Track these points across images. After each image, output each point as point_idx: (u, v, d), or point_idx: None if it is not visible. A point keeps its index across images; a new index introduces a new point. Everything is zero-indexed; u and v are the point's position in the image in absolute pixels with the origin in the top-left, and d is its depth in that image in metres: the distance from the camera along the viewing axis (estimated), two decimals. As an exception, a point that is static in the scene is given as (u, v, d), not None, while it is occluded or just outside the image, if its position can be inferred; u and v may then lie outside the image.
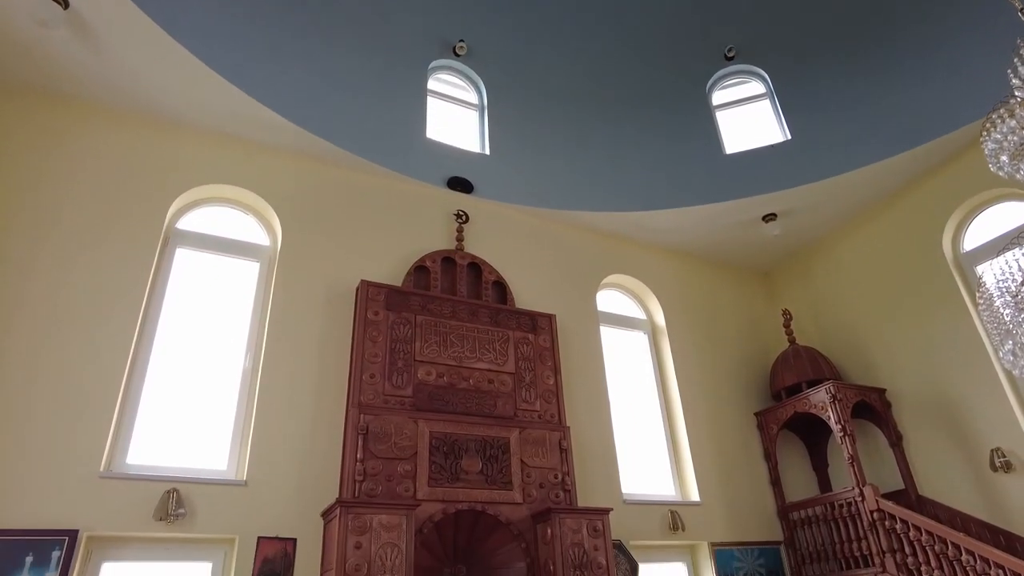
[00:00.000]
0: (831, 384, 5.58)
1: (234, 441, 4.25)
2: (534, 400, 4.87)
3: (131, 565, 3.75)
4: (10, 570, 3.30)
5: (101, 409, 3.85)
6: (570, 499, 4.58)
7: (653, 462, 5.79)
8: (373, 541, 3.62)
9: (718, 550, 5.37)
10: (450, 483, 4.24)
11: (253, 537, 3.86)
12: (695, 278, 6.91)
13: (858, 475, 5.23)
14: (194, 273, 4.73)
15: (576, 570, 4.06)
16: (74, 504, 3.56)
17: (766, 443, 6.16)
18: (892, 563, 4.84)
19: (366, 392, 4.32)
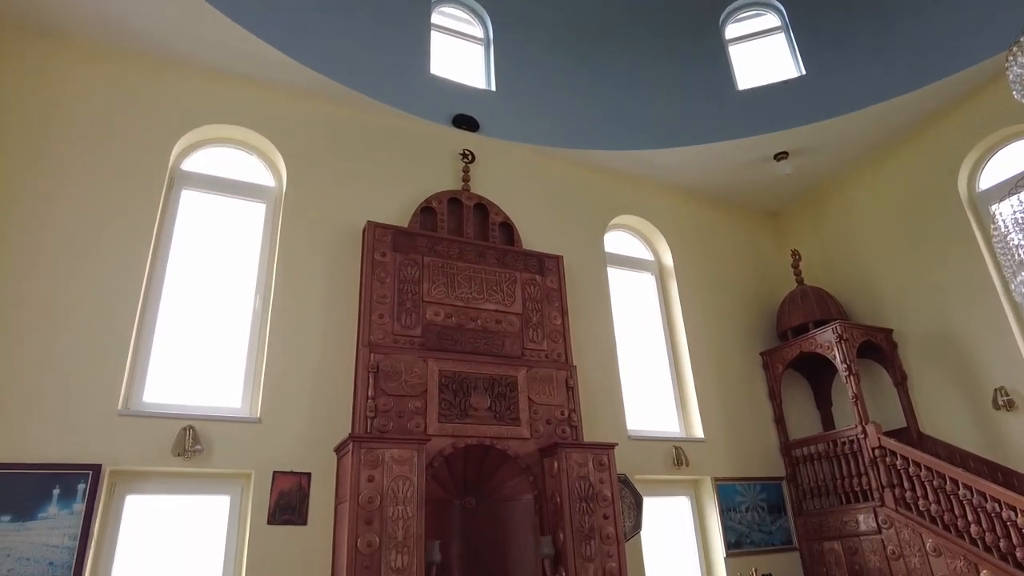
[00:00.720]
0: (838, 324, 5.60)
1: (247, 380, 4.33)
2: (541, 340, 4.91)
3: (153, 498, 3.90)
4: (41, 502, 3.44)
5: (116, 349, 3.91)
6: (576, 435, 4.68)
7: (658, 400, 5.88)
8: (385, 474, 3.73)
9: (721, 485, 5.52)
10: (459, 419, 4.34)
11: (269, 472, 3.98)
12: (704, 218, 6.84)
13: (861, 413, 5.31)
14: (201, 215, 4.72)
15: (582, 502, 4.18)
16: (96, 440, 3.67)
17: (771, 382, 6.23)
18: (891, 497, 4.97)
19: (376, 332, 4.37)
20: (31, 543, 3.37)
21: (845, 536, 5.26)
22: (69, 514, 3.48)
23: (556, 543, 4.13)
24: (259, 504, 3.90)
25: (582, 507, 4.17)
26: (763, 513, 5.63)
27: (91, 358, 3.83)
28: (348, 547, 3.51)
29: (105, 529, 3.68)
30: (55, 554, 3.39)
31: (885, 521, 4.97)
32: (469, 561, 4.26)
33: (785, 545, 5.61)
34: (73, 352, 3.80)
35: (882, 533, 4.98)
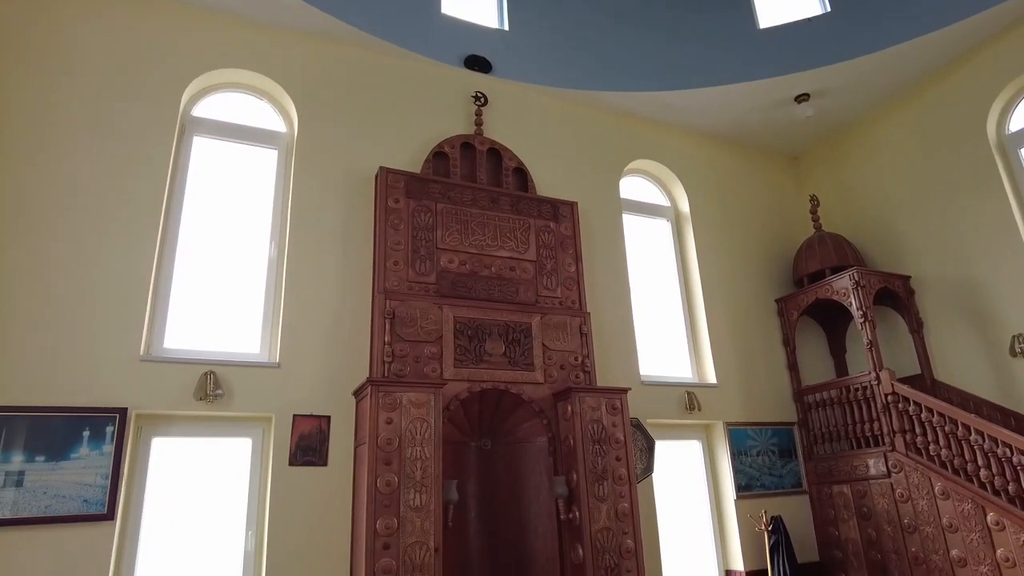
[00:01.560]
0: (855, 270, 5.54)
1: (265, 326, 4.39)
2: (555, 287, 4.91)
3: (178, 440, 4.02)
4: (72, 443, 3.56)
5: (135, 296, 3.96)
6: (590, 380, 4.73)
7: (672, 346, 5.91)
8: (403, 417, 3.81)
9: (732, 429, 5.59)
10: (474, 364, 4.39)
11: (289, 415, 4.08)
12: (721, 163, 6.71)
13: (875, 360, 5.31)
14: (213, 161, 4.69)
15: (595, 444, 4.26)
16: (120, 385, 3.76)
17: (785, 329, 6.22)
18: (902, 442, 5.01)
19: (390, 279, 4.38)
20: (65, 481, 3.50)
21: (854, 480, 5.34)
22: (100, 455, 3.60)
23: (570, 483, 4.24)
24: (280, 446, 4.01)
25: (595, 449, 4.25)
26: (774, 457, 5.72)
27: (112, 305, 3.88)
28: (368, 486, 3.62)
29: (134, 469, 3.82)
30: (89, 492, 3.53)
31: (895, 465, 5.03)
32: (485, 500, 4.39)
33: (795, 488, 5.71)
34: (94, 300, 3.85)
35: (891, 477, 5.05)
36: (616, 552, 4.08)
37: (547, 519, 4.32)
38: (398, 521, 3.61)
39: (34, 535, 3.38)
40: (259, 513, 3.99)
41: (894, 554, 4.99)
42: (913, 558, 4.84)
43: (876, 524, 5.14)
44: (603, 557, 4.03)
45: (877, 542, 5.12)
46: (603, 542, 4.07)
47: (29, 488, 3.43)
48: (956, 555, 4.56)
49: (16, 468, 3.43)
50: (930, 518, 4.76)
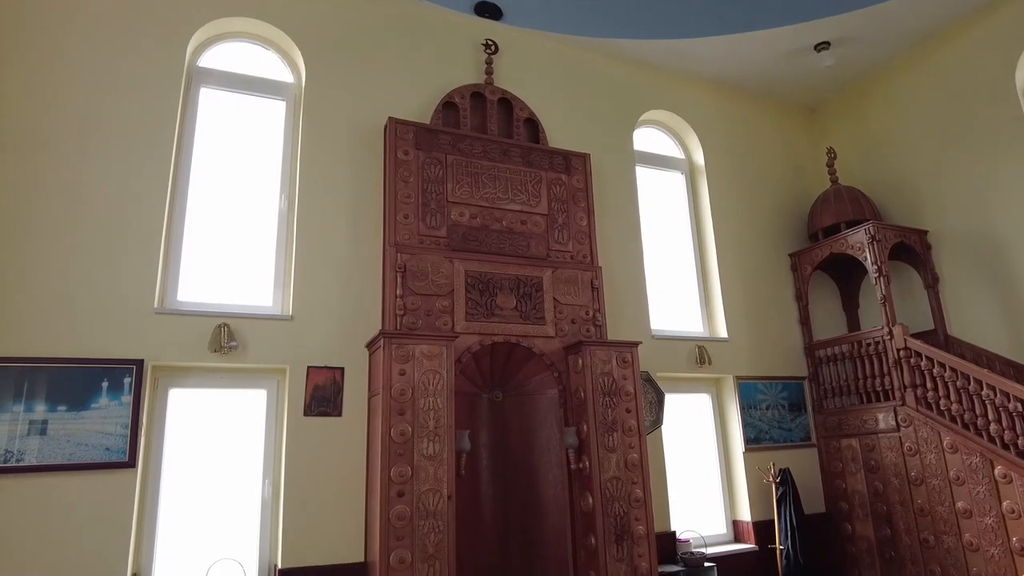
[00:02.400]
0: (871, 224, 5.46)
1: (277, 279, 4.40)
2: (567, 241, 4.88)
3: (194, 391, 4.08)
4: (92, 393, 3.63)
5: (147, 249, 3.96)
6: (601, 334, 4.73)
7: (683, 300, 5.89)
8: (416, 368, 3.84)
9: (742, 383, 5.62)
10: (486, 318, 4.40)
11: (303, 366, 4.12)
12: (738, 115, 6.56)
13: (889, 315, 5.28)
14: (221, 113, 4.63)
15: (605, 396, 4.30)
16: (136, 337, 3.80)
17: (798, 284, 6.18)
18: (912, 397, 5.02)
19: (401, 232, 4.36)
20: (87, 430, 3.59)
21: (863, 434, 5.38)
22: (119, 405, 3.67)
23: (580, 434, 4.29)
24: (295, 397, 4.07)
25: (605, 401, 4.29)
26: (783, 411, 5.75)
27: (125, 259, 3.89)
28: (382, 436, 3.68)
29: (152, 419, 3.90)
30: (110, 441, 3.61)
31: (904, 420, 5.05)
32: (497, 450, 4.46)
33: (803, 442, 5.76)
34: (107, 254, 3.86)
35: (900, 431, 5.08)
36: (625, 501, 4.16)
37: (557, 468, 4.39)
38: (412, 469, 3.68)
39: (60, 482, 3.48)
40: (275, 462, 4.08)
41: (899, 506, 5.06)
42: (918, 509, 4.91)
43: (883, 477, 5.20)
44: (612, 505, 4.11)
45: (883, 494, 5.19)
46: (612, 491, 4.14)
47: (53, 436, 3.52)
48: (962, 507, 4.62)
49: (39, 417, 3.51)
50: (937, 471, 4.81)
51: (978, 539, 4.51)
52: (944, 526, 4.74)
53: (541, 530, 4.35)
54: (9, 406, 3.48)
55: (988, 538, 4.46)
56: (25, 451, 3.46)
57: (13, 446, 3.44)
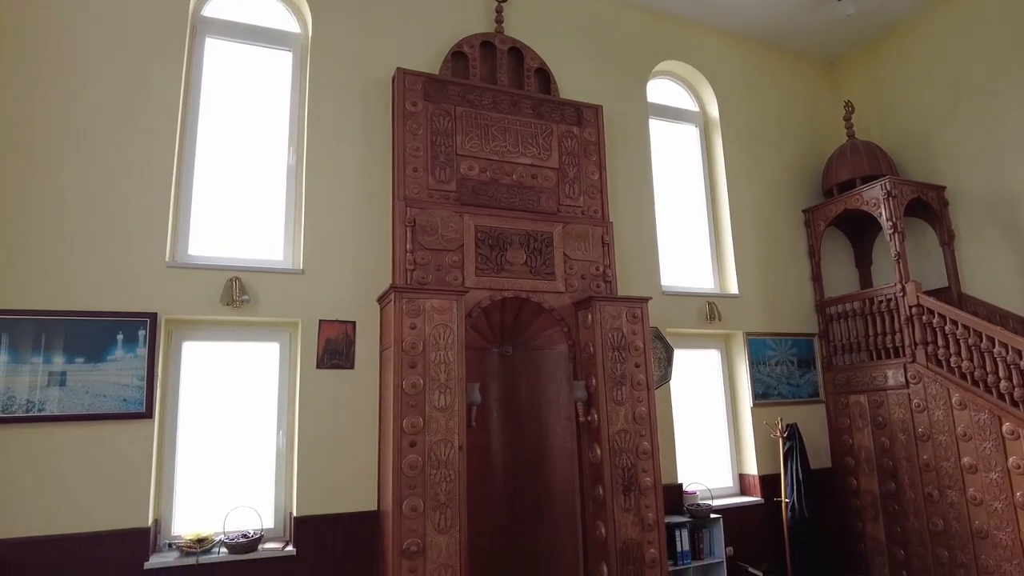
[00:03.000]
0: (887, 180, 5.36)
1: (287, 233, 4.40)
2: (578, 196, 4.82)
3: (208, 344, 4.14)
4: (108, 346, 3.69)
5: (157, 203, 3.96)
6: (611, 290, 4.72)
7: (695, 256, 5.86)
8: (427, 322, 3.86)
9: (752, 339, 5.62)
10: (496, 273, 4.39)
11: (315, 320, 4.16)
12: (754, 66, 6.38)
13: (902, 272, 5.23)
14: (227, 64, 4.55)
15: (614, 351, 4.31)
16: (149, 291, 3.83)
17: (811, 240, 6.11)
18: (923, 354, 5.01)
19: (410, 186, 4.32)
20: (105, 382, 3.65)
21: (872, 390, 5.39)
22: (134, 357, 3.73)
23: (589, 388, 4.33)
24: (308, 350, 4.11)
25: (614, 356, 4.30)
26: (792, 367, 5.77)
27: (135, 213, 3.89)
28: (394, 387, 3.73)
29: (168, 371, 3.96)
30: (127, 392, 3.68)
31: (914, 377, 5.06)
32: (507, 402, 4.52)
33: (811, 398, 5.79)
34: (117, 208, 3.86)
35: (909, 388, 5.09)
36: (633, 453, 4.21)
37: (566, 421, 4.45)
38: (424, 420, 3.74)
39: (80, 431, 3.57)
40: (289, 413, 4.15)
41: (905, 461, 5.10)
42: (924, 465, 4.95)
43: (890, 433, 5.23)
44: (620, 457, 4.17)
45: (889, 450, 5.23)
46: (620, 443, 4.20)
47: (72, 387, 3.59)
48: (967, 462, 4.65)
49: (58, 369, 3.58)
50: (945, 427, 4.83)
51: (982, 494, 4.56)
52: (948, 481, 4.78)
53: (550, 480, 4.43)
54: (28, 357, 3.54)
55: (992, 492, 4.50)
56: (46, 401, 3.54)
57: (35, 396, 3.52)
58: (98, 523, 3.51)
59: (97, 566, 3.47)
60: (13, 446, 3.45)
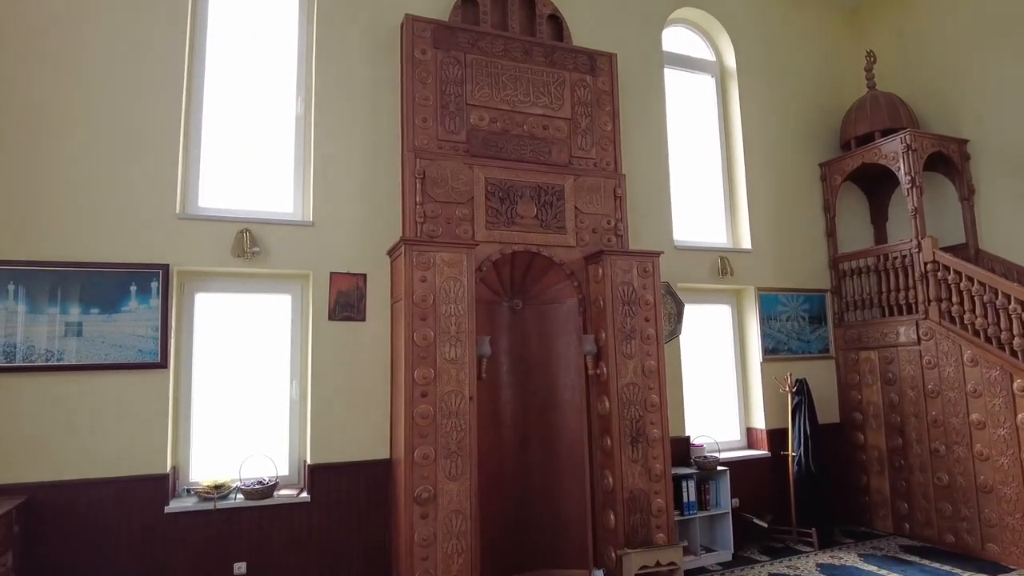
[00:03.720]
0: (907, 133, 5.22)
1: (296, 184, 4.37)
2: (590, 147, 4.73)
3: (220, 295, 4.16)
4: (122, 297, 3.73)
5: (165, 154, 3.94)
6: (622, 244, 4.68)
7: (708, 210, 5.78)
8: (437, 275, 3.86)
9: (763, 295, 5.59)
10: (506, 227, 4.36)
11: (326, 273, 4.17)
12: (773, 14, 6.17)
13: (919, 227, 5.15)
14: (233, 12, 4.44)
15: (624, 305, 4.31)
16: (160, 242, 3.85)
17: (827, 195, 6.01)
18: (936, 310, 4.97)
19: (419, 137, 4.26)
20: (120, 332, 3.71)
21: (883, 347, 5.38)
22: (148, 309, 3.77)
23: (598, 341, 4.34)
24: (319, 302, 4.13)
25: (624, 310, 4.30)
26: (803, 323, 5.75)
27: (143, 163, 3.88)
28: (405, 340, 3.76)
29: (181, 323, 4.00)
30: (142, 343, 3.74)
31: (926, 333, 5.03)
32: (516, 355, 4.54)
33: (822, 354, 5.79)
34: (125, 158, 3.84)
35: (921, 344, 5.07)
36: (641, 405, 4.25)
37: (576, 374, 4.48)
38: (435, 372, 3.78)
39: (98, 380, 3.64)
40: (302, 364, 4.20)
41: (913, 417, 5.12)
42: (932, 421, 4.97)
43: (899, 389, 5.24)
44: (628, 409, 4.21)
45: (898, 405, 5.25)
46: (629, 396, 4.23)
47: (88, 338, 3.64)
48: (976, 418, 4.66)
49: (75, 319, 3.63)
50: (955, 384, 4.83)
51: (989, 449, 4.58)
52: (956, 436, 4.81)
53: (559, 431, 4.49)
54: (45, 308, 3.59)
55: (999, 448, 4.52)
56: (65, 351, 3.60)
57: (53, 346, 3.58)
58: (119, 469, 3.61)
59: (121, 509, 3.59)
60: (35, 394, 3.53)
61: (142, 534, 3.60)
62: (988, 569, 4.37)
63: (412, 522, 3.64)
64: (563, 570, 4.39)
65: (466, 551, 3.72)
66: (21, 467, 3.46)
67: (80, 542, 3.50)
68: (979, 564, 4.48)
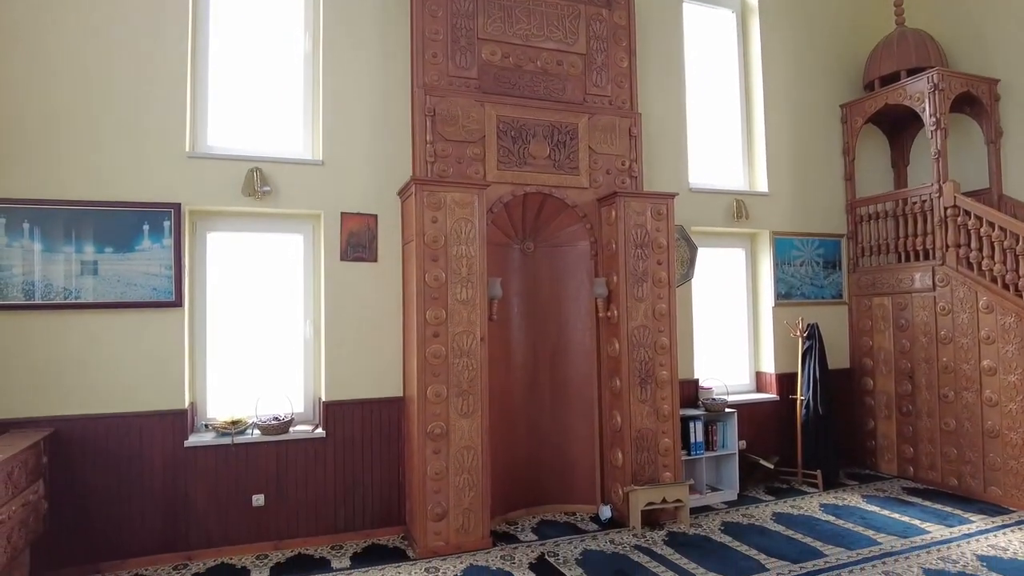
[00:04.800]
0: (935, 72, 5.03)
1: (306, 123, 4.31)
2: (605, 84, 4.60)
3: (232, 235, 4.17)
4: (134, 236, 3.75)
5: (173, 92, 3.88)
6: (636, 185, 4.61)
7: (724, 152, 5.65)
8: (448, 216, 3.83)
9: (778, 239, 5.52)
10: (518, 167, 4.29)
11: (336, 212, 4.15)
12: (800, -56, 5.87)
13: (941, 171, 5.02)
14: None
15: (637, 248, 4.27)
16: (170, 181, 3.84)
17: (847, 137, 5.85)
18: (954, 256, 4.90)
19: (429, 73, 4.15)
20: (134, 271, 3.74)
21: (897, 293, 5.33)
22: (161, 248, 3.79)
23: (609, 284, 4.33)
24: (331, 242, 4.13)
25: (637, 253, 4.27)
26: (817, 268, 5.69)
27: (151, 101, 3.83)
28: (417, 281, 3.77)
29: (194, 262, 4.02)
30: (156, 281, 3.77)
31: (942, 279, 4.97)
32: (527, 297, 4.55)
33: (834, 299, 5.75)
34: (133, 96, 3.80)
35: (936, 290, 5.02)
36: (651, 347, 4.27)
37: (586, 316, 4.49)
38: (446, 312, 3.80)
39: (116, 318, 3.70)
40: (315, 304, 4.24)
41: (924, 363, 5.12)
42: (943, 367, 4.97)
43: (911, 335, 5.22)
44: (638, 351, 4.24)
45: (909, 352, 5.24)
46: (639, 338, 4.25)
47: (104, 276, 3.68)
48: (987, 365, 4.65)
49: (90, 258, 3.67)
50: (968, 330, 4.80)
51: (998, 395, 4.59)
52: (966, 383, 4.81)
53: (569, 372, 4.54)
54: (60, 247, 3.62)
55: (1008, 394, 4.53)
56: (82, 289, 3.65)
57: (71, 284, 3.63)
58: (140, 404, 3.71)
59: (143, 443, 3.70)
60: (55, 331, 3.60)
61: (163, 467, 3.73)
62: (989, 511, 4.44)
63: (425, 457, 3.73)
64: (572, 505, 4.52)
65: (477, 485, 3.82)
66: (46, 401, 3.56)
67: (105, 473, 3.63)
68: (980, 506, 4.55)
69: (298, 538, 3.95)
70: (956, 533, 4.04)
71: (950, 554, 3.70)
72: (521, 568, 3.56)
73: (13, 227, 3.55)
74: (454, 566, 3.60)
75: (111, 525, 3.63)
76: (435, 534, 3.75)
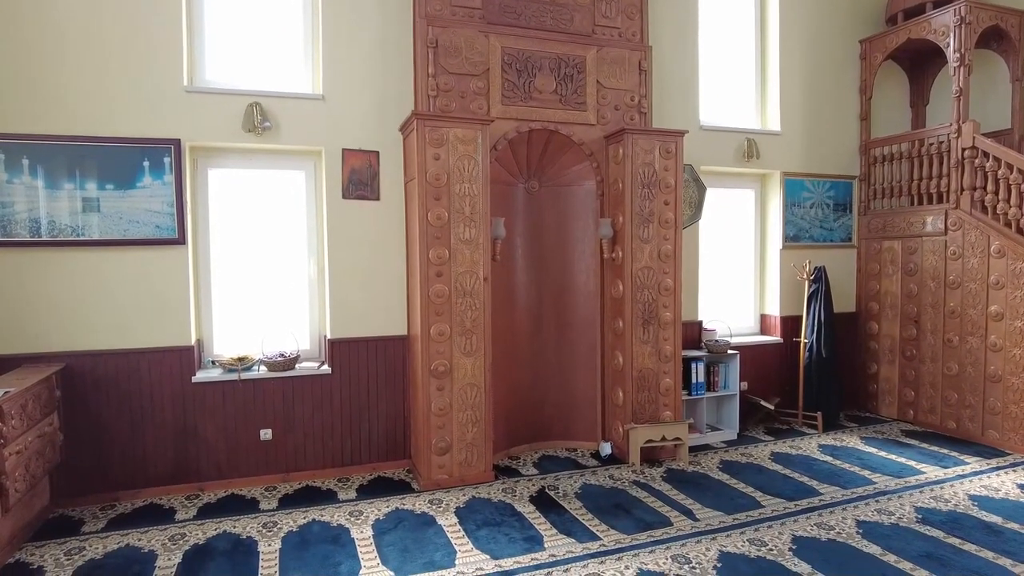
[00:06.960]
0: (963, 4, 4.79)
1: (306, 57, 4.18)
2: (615, 15, 4.42)
3: (234, 171, 4.12)
4: (135, 172, 3.70)
5: (169, 24, 3.77)
6: (645, 122, 4.49)
7: (736, 89, 5.47)
8: (451, 153, 3.76)
9: (789, 180, 5.41)
10: (523, 102, 4.18)
11: (338, 149, 4.08)
12: None
13: (961, 111, 4.85)
14: None
15: (644, 188, 4.20)
16: (169, 117, 3.77)
17: (865, 75, 5.64)
18: (968, 200, 4.80)
19: (432, 2, 3.99)
20: (137, 208, 3.72)
21: (907, 236, 5.25)
22: (162, 184, 3.75)
23: (615, 225, 4.28)
24: (332, 180, 4.08)
25: (643, 193, 4.20)
26: (827, 210, 5.60)
27: (147, 34, 3.72)
28: (420, 220, 3.73)
29: (196, 199, 3.99)
30: (158, 218, 3.75)
31: (954, 224, 4.88)
32: (531, 238, 4.52)
33: (843, 243, 5.68)
34: (129, 28, 3.68)
35: (947, 235, 4.94)
36: (655, 289, 4.26)
37: (591, 258, 4.46)
38: (449, 252, 3.78)
39: (120, 255, 3.71)
40: (318, 242, 4.22)
41: (931, 307, 5.09)
42: (949, 312, 4.94)
43: (919, 280, 5.17)
44: (642, 293, 4.22)
45: (916, 296, 5.20)
46: (643, 280, 4.23)
47: (107, 214, 3.67)
48: (995, 310, 4.62)
49: (92, 195, 3.64)
50: (977, 275, 4.74)
51: (1003, 340, 4.57)
52: (971, 328, 4.79)
53: (573, 313, 4.55)
54: (63, 183, 3.59)
55: (1013, 340, 4.51)
56: (86, 226, 3.64)
57: (76, 222, 3.62)
58: (147, 340, 3.76)
59: (151, 378, 3.77)
60: (61, 268, 3.62)
61: (172, 402, 3.81)
62: (985, 453, 4.50)
63: (429, 393, 3.79)
64: (573, 441, 4.61)
65: (480, 421, 3.90)
66: (56, 337, 3.61)
67: (118, 406, 3.72)
68: (977, 448, 4.61)
69: (306, 471, 4.07)
70: (951, 474, 4.10)
71: (943, 493, 3.77)
72: (522, 500, 3.67)
73: (13, 164, 3.52)
74: (457, 497, 3.71)
75: (125, 456, 3.74)
76: (439, 467, 3.85)
